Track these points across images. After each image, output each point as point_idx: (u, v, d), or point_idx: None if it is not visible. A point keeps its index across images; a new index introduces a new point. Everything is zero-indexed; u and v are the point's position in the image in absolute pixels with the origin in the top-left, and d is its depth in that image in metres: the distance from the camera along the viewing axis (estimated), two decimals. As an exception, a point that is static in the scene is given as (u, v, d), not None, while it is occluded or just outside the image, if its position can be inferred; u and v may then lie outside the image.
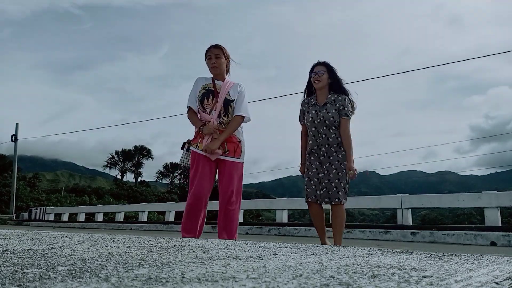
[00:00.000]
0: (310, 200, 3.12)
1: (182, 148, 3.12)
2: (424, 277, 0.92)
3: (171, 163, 63.64)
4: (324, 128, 3.03)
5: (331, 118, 3.01)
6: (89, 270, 0.91)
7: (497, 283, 0.90)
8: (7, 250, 1.40)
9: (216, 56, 2.97)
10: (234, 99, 2.98)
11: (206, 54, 3.02)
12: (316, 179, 3.08)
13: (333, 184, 3.00)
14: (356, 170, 3.00)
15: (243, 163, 3.04)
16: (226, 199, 2.95)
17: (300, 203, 10.09)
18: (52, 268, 0.94)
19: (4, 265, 0.98)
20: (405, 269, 1.06)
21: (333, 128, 3.03)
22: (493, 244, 5.40)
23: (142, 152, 67.04)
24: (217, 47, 3.00)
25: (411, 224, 7.43)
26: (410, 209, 7.62)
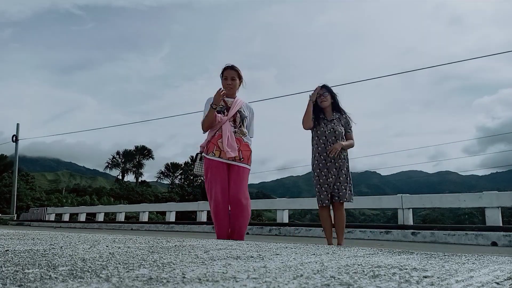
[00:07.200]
0: (324, 205, 3.40)
1: (195, 159, 3.30)
2: (425, 277, 0.92)
3: (171, 163, 63.51)
4: (333, 138, 3.42)
5: (340, 130, 3.46)
6: (90, 270, 0.91)
7: (498, 283, 0.90)
8: (8, 250, 1.40)
9: (232, 78, 3.24)
10: (247, 116, 3.28)
11: (222, 73, 3.26)
12: (326, 185, 3.38)
13: (343, 187, 3.37)
14: (337, 150, 3.34)
15: (249, 169, 3.31)
16: (237, 202, 3.13)
17: (300, 203, 10.06)
18: (53, 268, 0.94)
19: (5, 265, 0.98)
20: (406, 269, 1.06)
21: (340, 139, 3.44)
22: (494, 244, 5.39)
23: (143, 152, 67.02)
24: (233, 68, 3.26)
25: (412, 224, 7.41)
26: (411, 209, 7.59)
